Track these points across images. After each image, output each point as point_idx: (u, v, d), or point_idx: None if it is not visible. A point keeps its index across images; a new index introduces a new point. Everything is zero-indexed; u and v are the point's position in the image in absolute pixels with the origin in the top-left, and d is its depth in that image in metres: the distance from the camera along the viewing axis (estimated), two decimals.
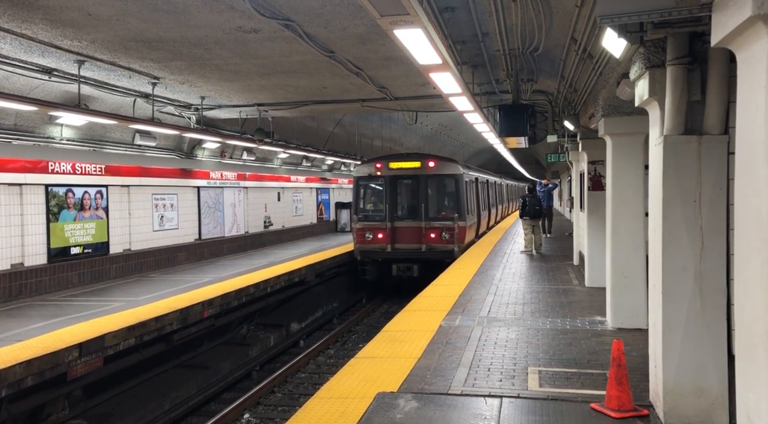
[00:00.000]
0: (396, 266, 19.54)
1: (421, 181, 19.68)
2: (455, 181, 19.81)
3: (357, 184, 20.60)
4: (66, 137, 13.82)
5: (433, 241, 19.39)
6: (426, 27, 5.39)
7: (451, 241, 19.21)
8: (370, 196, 20.82)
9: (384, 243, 19.57)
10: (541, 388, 6.48)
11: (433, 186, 20.07)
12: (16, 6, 7.33)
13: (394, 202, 19.97)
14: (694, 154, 5.27)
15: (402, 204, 20.31)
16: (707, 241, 5.26)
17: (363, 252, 19.88)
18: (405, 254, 19.52)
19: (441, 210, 20.00)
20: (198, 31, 8.38)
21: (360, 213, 20.35)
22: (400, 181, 20.12)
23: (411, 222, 19.62)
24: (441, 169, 19.78)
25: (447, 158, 21.11)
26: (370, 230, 19.74)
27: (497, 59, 10.21)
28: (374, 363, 7.38)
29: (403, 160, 20.11)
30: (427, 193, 19.84)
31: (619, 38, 5.21)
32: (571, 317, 9.74)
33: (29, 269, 13.05)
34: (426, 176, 19.70)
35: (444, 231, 19.31)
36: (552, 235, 24.48)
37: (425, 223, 19.43)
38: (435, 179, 19.91)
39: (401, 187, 20.30)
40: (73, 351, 8.89)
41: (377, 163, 20.10)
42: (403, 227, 19.67)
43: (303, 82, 12.24)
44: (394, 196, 20.01)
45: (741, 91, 3.73)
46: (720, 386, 5.28)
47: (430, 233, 19.42)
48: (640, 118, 8.06)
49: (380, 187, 20.27)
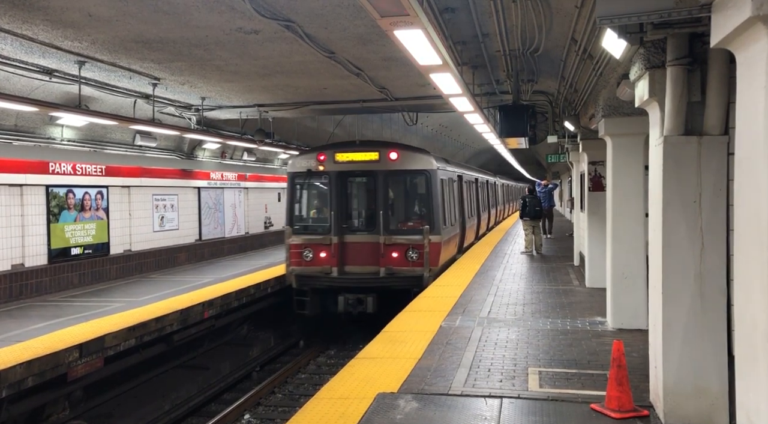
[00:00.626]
0: (343, 297, 14.22)
1: (380, 179, 14.58)
2: (427, 179, 14.74)
3: (292, 183, 15.33)
4: (66, 138, 13.83)
5: (395, 262, 14.26)
6: (426, 28, 5.39)
7: (420, 262, 14.09)
8: (309, 199, 15.72)
9: (328, 265, 14.43)
10: (542, 388, 6.48)
11: (397, 186, 15.23)
12: (16, 7, 7.33)
13: (342, 208, 14.83)
14: (694, 155, 5.27)
15: (353, 211, 15.44)
16: (707, 241, 5.26)
17: (300, 277, 14.55)
18: (356, 280, 14.41)
19: (407, 219, 15.23)
20: (198, 31, 8.39)
21: (296, 223, 15.14)
22: (350, 179, 15.12)
23: (365, 236, 14.58)
24: (407, 162, 14.75)
25: (416, 148, 16.07)
26: (310, 247, 14.61)
27: (497, 60, 10.21)
28: (374, 364, 7.38)
29: (355, 150, 14.85)
30: (388, 195, 14.84)
31: (619, 39, 5.22)
32: (572, 318, 9.74)
33: (30, 270, 13.05)
34: (386, 173, 14.63)
35: (411, 248, 14.21)
36: (552, 235, 24.48)
37: (385, 237, 14.28)
38: (399, 177, 15.00)
39: (352, 188, 15.38)
40: (74, 352, 8.90)
41: (319, 153, 14.91)
42: (355, 242, 14.62)
43: (303, 82, 12.25)
44: (342, 199, 14.86)
45: (741, 91, 3.73)
46: (720, 387, 5.28)
47: (391, 252, 14.28)
48: (640, 118, 8.07)
49: (323, 188, 15.19)
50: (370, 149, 14.87)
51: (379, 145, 15.35)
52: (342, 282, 14.44)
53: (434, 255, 14.41)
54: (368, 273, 14.42)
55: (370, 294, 14.08)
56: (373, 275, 14.35)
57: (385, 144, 15.74)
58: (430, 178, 14.75)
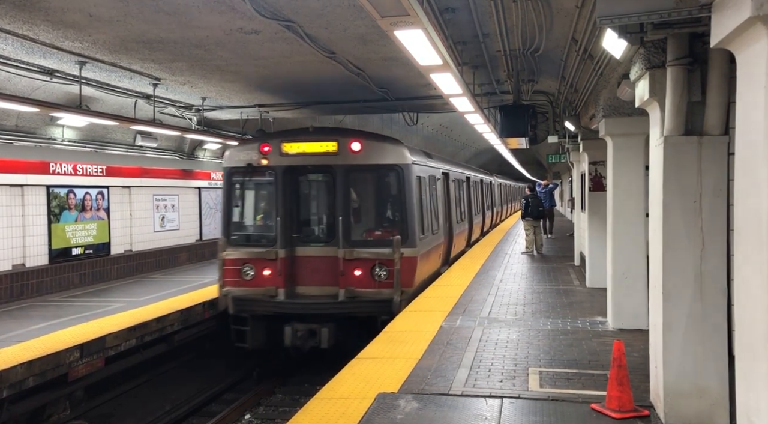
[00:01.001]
0: (291, 328, 11.27)
1: (339, 176, 11.75)
2: (398, 176, 11.87)
3: (228, 182, 12.44)
4: (67, 138, 13.84)
5: (358, 282, 11.46)
6: (426, 28, 5.39)
7: (389, 282, 11.28)
8: (250, 202, 12.86)
9: (273, 285, 11.59)
10: (542, 388, 6.48)
11: (361, 185, 12.48)
12: (17, 8, 7.34)
13: (291, 213, 12.01)
14: (694, 155, 5.27)
15: (306, 217, 12.68)
16: (708, 241, 5.26)
17: (238, 301, 11.74)
18: (309, 306, 11.49)
19: (374, 227, 12.43)
20: (199, 32, 8.39)
21: (233, 232, 12.32)
22: (302, 176, 12.35)
23: (321, 249, 11.89)
24: (373, 155, 11.84)
25: (385, 137, 13.29)
26: (251, 263, 11.81)
27: (498, 60, 10.21)
28: (375, 364, 7.39)
29: (308, 140, 11.91)
30: (349, 197, 12.07)
31: (619, 39, 5.22)
32: (572, 318, 9.74)
33: (30, 270, 13.06)
34: (347, 168, 11.77)
35: (378, 265, 11.42)
36: (553, 235, 24.48)
37: (345, 250, 11.45)
38: (363, 173, 12.17)
39: (305, 188, 12.71)
40: (75, 352, 8.91)
41: (262, 144, 12.05)
42: (308, 257, 11.87)
43: (304, 82, 12.25)
44: (291, 202, 12.06)
45: (741, 91, 3.73)
46: (720, 387, 5.28)
47: (353, 269, 11.47)
48: (640, 118, 8.07)
49: (268, 187, 12.34)
50: (326, 138, 11.87)
51: (339, 133, 12.55)
52: (290, 308, 11.49)
53: (408, 273, 11.48)
54: (324, 297, 11.56)
55: (325, 324, 11.15)
56: (330, 298, 11.44)
57: (345, 132, 13.06)
58: (402, 174, 11.83)
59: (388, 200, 12.64)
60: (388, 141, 12.69)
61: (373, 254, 11.50)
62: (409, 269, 11.59)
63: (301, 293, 11.87)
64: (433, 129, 28.98)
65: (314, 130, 12.50)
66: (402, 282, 11.31)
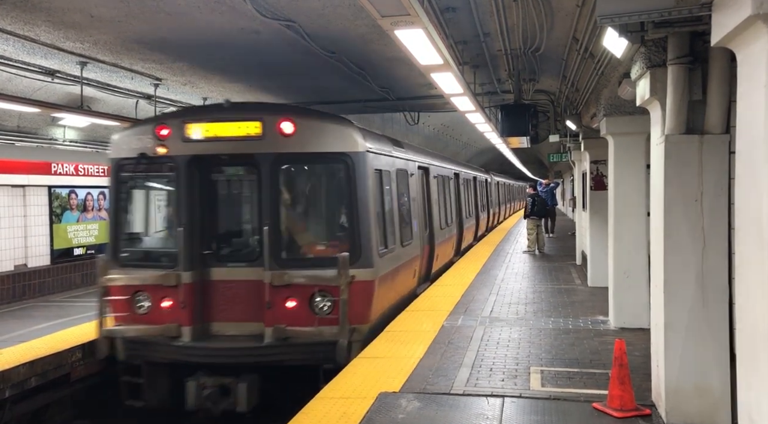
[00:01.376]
0: (196, 382, 8.23)
1: (265, 169, 8.65)
2: (348, 169, 8.68)
3: (116, 178, 9.18)
4: (69, 139, 13.87)
5: (291, 318, 8.32)
6: (427, 27, 5.40)
7: (334, 318, 8.18)
8: (144, 206, 9.68)
9: (175, 322, 8.48)
10: (544, 388, 6.48)
11: (295, 181, 9.32)
12: (19, 8, 7.35)
13: (198, 221, 8.83)
14: (695, 154, 5.27)
15: (220, 226, 9.28)
16: (709, 240, 5.26)
17: (128, 344, 8.62)
18: (221, 351, 8.40)
19: (314, 241, 9.29)
20: (200, 32, 8.40)
21: (122, 248, 9.17)
22: (214, 169, 9.22)
23: (241, 270, 8.73)
24: (312, 140, 8.65)
25: (328, 115, 9.32)
26: (145, 290, 8.72)
27: (499, 59, 10.22)
28: (376, 363, 7.39)
29: (221, 119, 8.73)
30: (279, 198, 8.80)
31: (619, 38, 5.22)
32: (574, 317, 9.74)
33: (33, 270, 13.09)
34: (276, 158, 8.65)
35: (318, 293, 8.38)
36: (555, 234, 24.47)
37: (273, 273, 8.33)
38: (298, 164, 9.05)
39: (218, 186, 9.44)
40: (77, 352, 8.91)
41: (160, 126, 8.84)
42: (223, 282, 8.74)
43: (305, 82, 12.26)
44: (198, 206, 8.88)
45: (741, 90, 3.73)
46: (722, 386, 5.28)
47: (284, 299, 8.38)
48: (641, 117, 8.06)
49: (169, 185, 9.23)
50: (247, 116, 8.65)
51: (264, 109, 9.25)
52: (197, 353, 8.34)
53: (361, 303, 8.35)
54: (245, 337, 8.43)
55: (244, 377, 8.14)
56: (253, 340, 8.33)
57: (274, 108, 9.89)
58: (353, 167, 8.54)
59: (333, 202, 9.28)
60: (333, 120, 8.93)
61: (311, 278, 8.23)
62: (362, 297, 8.38)
63: (214, 332, 8.63)
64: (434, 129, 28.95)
65: (230, 105, 8.96)
66: (352, 316, 8.08)
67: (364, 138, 8.99)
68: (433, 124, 27.93)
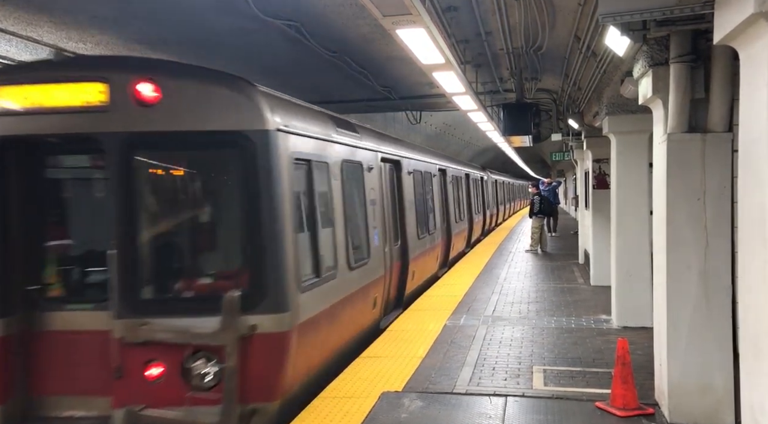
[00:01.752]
0: None
1: (115, 157, 5.60)
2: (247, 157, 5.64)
3: None
4: None
5: (153, 394, 5.41)
6: (428, 27, 5.40)
7: (215, 396, 5.26)
8: None
9: None
10: (546, 387, 6.48)
11: (163, 176, 6.34)
12: (21, 9, 7.37)
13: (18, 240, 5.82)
14: (698, 152, 5.26)
15: (50, 250, 6.12)
16: (712, 239, 5.25)
17: None
18: None
19: (191, 270, 6.11)
20: (201, 32, 8.41)
21: None
22: (40, 159, 6.07)
23: (81, 315, 5.78)
24: (186, 113, 5.60)
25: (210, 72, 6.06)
26: None
27: (500, 58, 10.20)
28: (379, 363, 7.39)
29: (49, 79, 5.67)
30: (136, 203, 5.75)
31: (622, 36, 5.21)
32: (576, 316, 9.73)
33: None
34: (127, 140, 5.59)
35: (195, 355, 5.38)
36: (557, 233, 24.45)
37: (125, 322, 5.42)
38: (165, 152, 6.01)
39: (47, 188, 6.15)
40: None
41: None
42: (55, 334, 5.78)
43: (306, 82, 12.25)
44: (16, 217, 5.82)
45: (744, 88, 3.72)
46: (725, 385, 5.27)
47: (142, 364, 5.43)
48: (644, 116, 8.05)
49: None
50: (86, 75, 5.73)
51: (113, 64, 6.38)
52: None
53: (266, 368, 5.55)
54: (89, 420, 5.72)
55: None
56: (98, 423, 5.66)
57: (126, 62, 6.73)
58: (256, 154, 5.67)
59: (224, 210, 6.25)
60: (221, 81, 5.91)
61: (184, 333, 5.40)
62: (269, 359, 5.55)
63: (43, 413, 5.81)
64: (436, 128, 28.94)
65: (62, 60, 6.40)
66: (250, 390, 5.38)
67: (273, 110, 5.97)
68: (436, 123, 27.91)
